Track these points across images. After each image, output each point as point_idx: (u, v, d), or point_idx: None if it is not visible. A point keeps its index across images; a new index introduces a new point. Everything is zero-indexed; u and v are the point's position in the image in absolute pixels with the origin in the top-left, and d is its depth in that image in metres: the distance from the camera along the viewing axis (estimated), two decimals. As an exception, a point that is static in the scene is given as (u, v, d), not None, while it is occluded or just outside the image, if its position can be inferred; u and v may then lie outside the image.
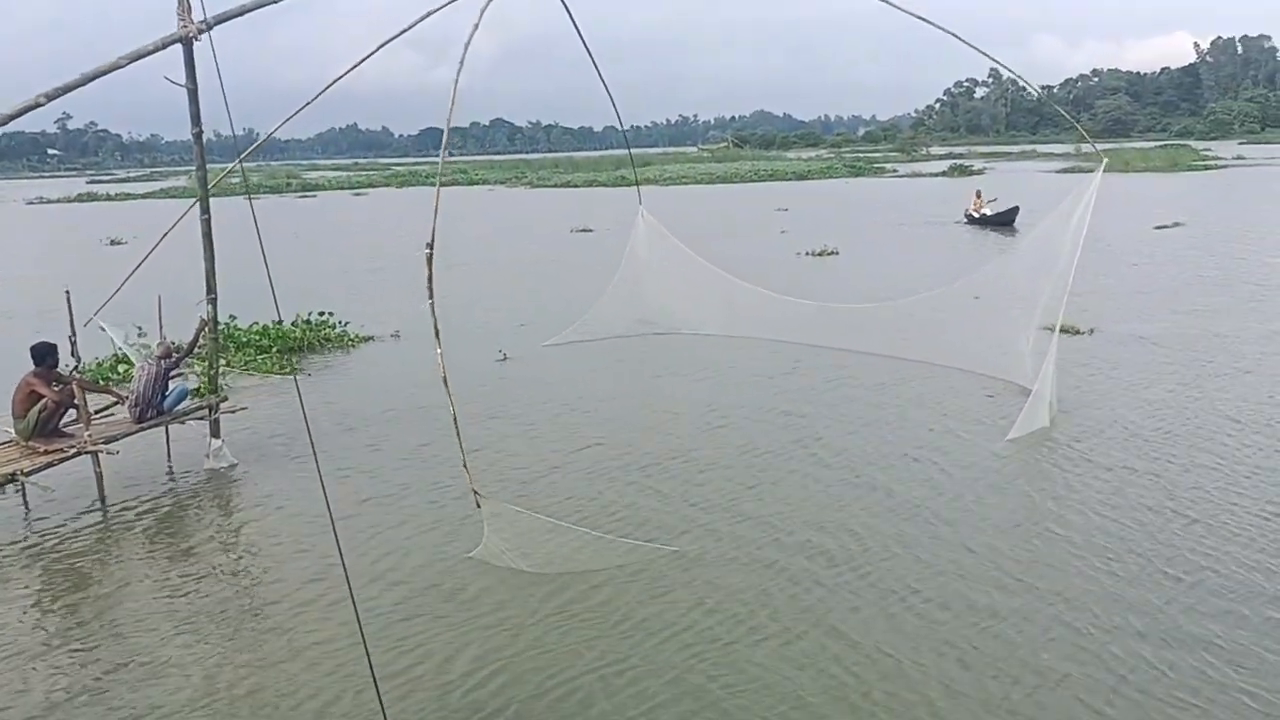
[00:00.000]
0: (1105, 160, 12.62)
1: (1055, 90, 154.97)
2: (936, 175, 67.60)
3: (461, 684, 6.76)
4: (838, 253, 28.24)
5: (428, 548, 9.00)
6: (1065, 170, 62.69)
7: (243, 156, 9.82)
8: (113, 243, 36.08)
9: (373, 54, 8.87)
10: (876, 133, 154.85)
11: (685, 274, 17.49)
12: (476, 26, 8.68)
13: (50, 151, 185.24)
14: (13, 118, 6.62)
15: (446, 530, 9.35)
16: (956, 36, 11.22)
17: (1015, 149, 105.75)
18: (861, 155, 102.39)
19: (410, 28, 8.89)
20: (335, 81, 9.13)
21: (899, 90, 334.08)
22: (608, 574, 8.30)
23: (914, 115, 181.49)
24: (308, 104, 9.47)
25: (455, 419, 8.00)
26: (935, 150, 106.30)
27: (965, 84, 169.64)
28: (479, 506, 8.37)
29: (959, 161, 75.91)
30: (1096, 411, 12.41)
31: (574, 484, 10.46)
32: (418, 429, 12.46)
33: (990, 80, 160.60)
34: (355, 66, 8.97)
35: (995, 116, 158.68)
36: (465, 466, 8.18)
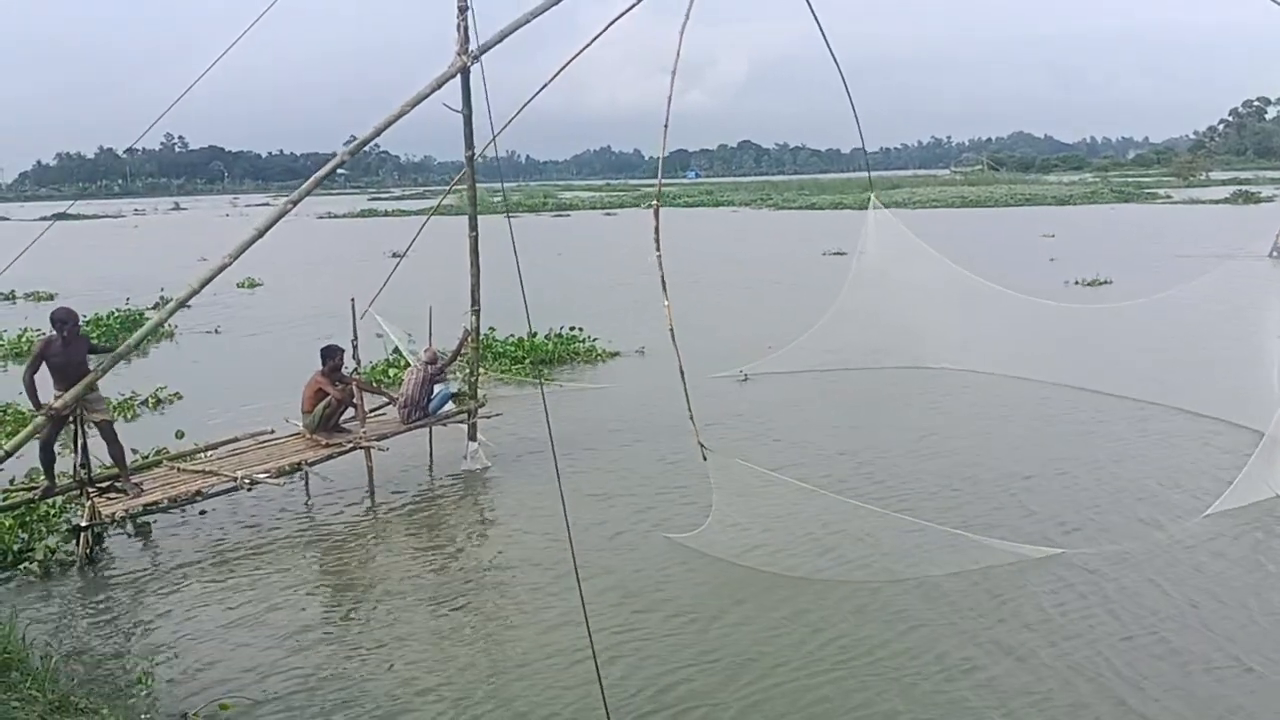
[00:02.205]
0: None
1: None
2: (1217, 203, 61.90)
3: (622, 684, 6.94)
4: (1110, 282, 26.55)
5: (636, 546, 9.57)
6: (1374, 199, 55.70)
7: (455, 182, 10.72)
8: (394, 255, 39.15)
9: (571, 61, 9.76)
10: (1148, 156, 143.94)
11: (918, 278, 16.43)
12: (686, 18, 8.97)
13: (339, 171, 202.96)
14: (326, 175, 8.10)
15: (651, 526, 9.99)
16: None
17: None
18: (1130, 180, 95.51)
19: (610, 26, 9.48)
20: (544, 88, 10.15)
21: (1174, 110, 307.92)
22: (796, 586, 8.41)
23: (1192, 137, 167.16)
24: (517, 114, 10.29)
25: (681, 371, 8.30)
26: (1216, 175, 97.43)
27: (1255, 103, 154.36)
28: (705, 459, 8.67)
29: (1244, 188, 68.93)
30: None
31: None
32: (646, 439, 13.08)
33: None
34: (557, 74, 9.82)
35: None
36: (691, 418, 8.39)
